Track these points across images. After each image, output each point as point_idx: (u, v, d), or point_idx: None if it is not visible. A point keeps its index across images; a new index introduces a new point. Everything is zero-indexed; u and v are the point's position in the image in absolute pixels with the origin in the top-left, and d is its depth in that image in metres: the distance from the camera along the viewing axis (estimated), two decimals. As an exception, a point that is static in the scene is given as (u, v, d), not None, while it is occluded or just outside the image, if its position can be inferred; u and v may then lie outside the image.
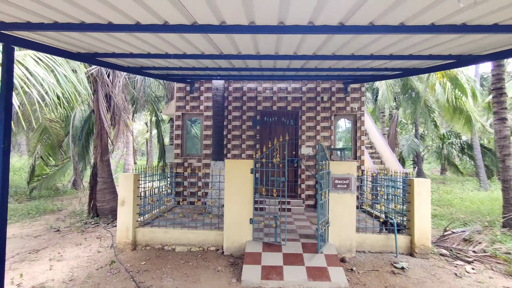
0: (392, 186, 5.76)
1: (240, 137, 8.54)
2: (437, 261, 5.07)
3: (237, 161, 5.34)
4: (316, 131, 8.44)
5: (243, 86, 8.58)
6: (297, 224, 6.46)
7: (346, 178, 5.17)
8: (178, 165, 8.52)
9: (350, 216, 5.16)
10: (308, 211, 7.88)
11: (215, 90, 7.62)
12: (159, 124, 10.40)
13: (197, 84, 8.66)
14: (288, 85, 8.52)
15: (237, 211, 5.26)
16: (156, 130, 10.68)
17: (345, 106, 8.43)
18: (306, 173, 8.36)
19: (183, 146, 8.72)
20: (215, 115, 7.58)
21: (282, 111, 8.52)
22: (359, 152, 8.39)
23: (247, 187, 5.25)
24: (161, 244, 5.49)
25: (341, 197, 5.18)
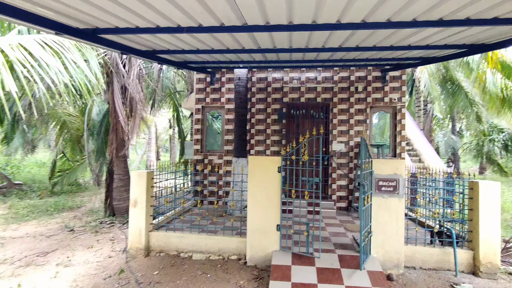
0: (445, 189, 4.83)
1: (265, 131, 7.82)
2: (508, 283, 4.12)
3: (262, 158, 4.63)
4: (350, 125, 7.55)
5: (267, 76, 7.84)
6: (330, 230, 5.66)
7: (393, 180, 4.31)
8: (198, 161, 7.95)
9: (397, 225, 4.31)
10: (340, 214, 7.04)
11: (237, 80, 6.93)
12: (179, 119, 9.90)
13: (218, 74, 8.02)
14: (318, 74, 7.68)
15: (262, 216, 4.56)
16: (177, 125, 10.19)
17: (383, 97, 7.47)
18: (337, 172, 7.52)
19: (203, 142, 8.13)
20: (237, 107, 6.90)
21: (311, 103, 7.70)
22: (399, 149, 7.42)
23: (273, 188, 4.53)
24: (177, 250, 4.90)
25: (386, 202, 4.33)
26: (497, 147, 20.95)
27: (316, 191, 4.41)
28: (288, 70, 7.76)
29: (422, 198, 5.02)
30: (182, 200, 4.96)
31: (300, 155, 4.45)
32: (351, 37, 4.24)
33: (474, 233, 4.34)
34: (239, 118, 6.90)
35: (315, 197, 6.41)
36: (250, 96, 7.86)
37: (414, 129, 11.30)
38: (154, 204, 5.13)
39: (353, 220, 6.46)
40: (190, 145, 8.12)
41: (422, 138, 11.17)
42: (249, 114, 7.84)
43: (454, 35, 4.07)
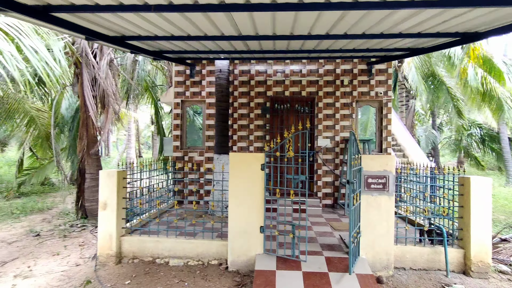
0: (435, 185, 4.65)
1: (248, 127, 7.47)
2: (499, 282, 3.98)
3: (244, 154, 4.28)
4: (335, 119, 7.32)
5: (250, 69, 7.48)
6: (316, 229, 5.40)
7: (383, 176, 4.08)
8: (178, 159, 7.52)
9: (387, 224, 4.08)
10: (326, 212, 6.81)
11: (218, 72, 6.53)
12: (158, 114, 9.38)
13: (198, 66, 7.58)
14: (303, 67, 7.38)
15: (244, 217, 4.22)
16: (156, 121, 9.67)
17: (369, 91, 7.27)
18: (323, 168, 7.28)
19: (183, 138, 7.70)
20: (218, 101, 6.52)
21: (295, 97, 7.41)
22: (385, 144, 7.25)
23: (256, 187, 4.20)
24: (152, 256, 4.50)
25: (376, 200, 4.09)
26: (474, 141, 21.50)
27: (302, 190, 4.11)
28: (271, 62, 7.43)
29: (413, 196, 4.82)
30: (158, 201, 4.54)
31: (285, 152, 4.13)
32: (340, 21, 3.91)
33: (465, 231, 4.18)
34: (220, 113, 6.52)
35: (301, 195, 6.14)
36: (232, 89, 7.49)
37: (398, 124, 11.24)
38: (126, 206, 4.69)
39: (339, 218, 6.24)
40: (169, 142, 7.67)
41: (406, 133, 11.13)
42: (232, 109, 7.47)
43: (448, 21, 3.81)
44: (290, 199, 3.96)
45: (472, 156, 21.17)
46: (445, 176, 4.40)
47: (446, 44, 4.73)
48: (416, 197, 4.62)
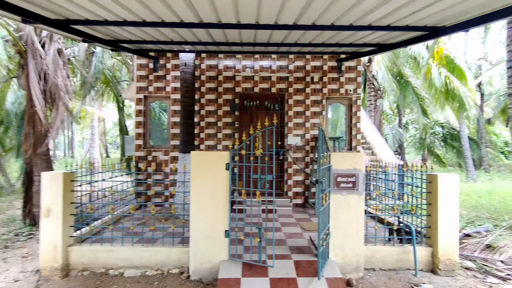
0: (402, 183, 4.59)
1: (216, 124, 7.13)
2: (465, 279, 3.96)
3: (207, 153, 3.96)
4: (306, 117, 7.16)
5: (218, 63, 7.13)
6: (286, 231, 5.19)
7: (352, 175, 3.92)
8: (141, 158, 7.01)
9: (357, 224, 3.93)
10: (296, 211, 6.64)
11: (183, 65, 6.13)
12: (120, 111, 8.76)
13: (162, 60, 7.12)
14: (273, 62, 7.15)
15: (207, 221, 3.90)
16: (118, 118, 9.04)
17: (339, 88, 7.19)
18: (293, 167, 7.11)
19: (146, 136, 7.20)
20: (183, 97, 6.12)
21: (265, 93, 7.16)
22: (354, 142, 7.21)
23: (221, 188, 3.89)
24: (105, 267, 4.05)
25: (346, 200, 3.93)
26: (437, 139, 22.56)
27: (270, 190, 3.86)
28: (240, 57, 7.13)
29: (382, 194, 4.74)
30: (111, 206, 4.08)
31: (252, 150, 3.86)
32: (307, 9, 3.65)
33: (432, 229, 4.13)
34: (185, 109, 6.12)
35: (269, 195, 5.91)
36: (199, 85, 7.11)
37: (367, 122, 11.39)
38: (75, 212, 4.19)
39: (309, 218, 6.08)
40: (130, 140, 7.14)
41: (375, 131, 11.30)
42: (199, 105, 7.09)
43: (418, 12, 3.69)
44: (257, 201, 3.69)
45: (435, 153, 22.21)
46: (413, 174, 4.34)
47: (415, 38, 4.67)
48: (385, 195, 4.54)
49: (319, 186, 3.42)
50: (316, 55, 7.13)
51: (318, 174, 3.41)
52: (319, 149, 3.46)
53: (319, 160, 3.41)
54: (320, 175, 3.42)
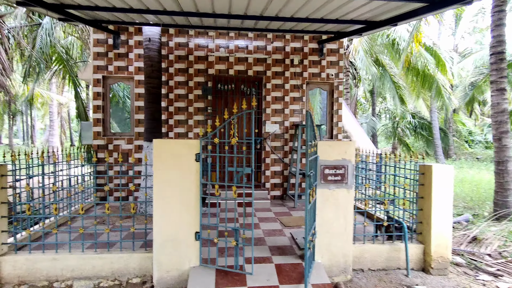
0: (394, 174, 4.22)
1: (186, 109, 6.42)
2: (457, 277, 3.69)
3: (172, 141, 3.32)
4: (285, 103, 6.64)
5: (189, 42, 6.38)
6: (265, 227, 4.70)
7: (341, 166, 3.46)
8: (100, 148, 6.19)
9: (345, 222, 3.50)
10: (275, 204, 6.18)
11: (147, 41, 5.33)
12: (77, 94, 7.75)
13: (124, 35, 6.24)
14: (249, 42, 6.51)
15: (174, 221, 3.30)
16: (76, 102, 8.02)
17: (320, 72, 6.71)
18: (271, 157, 6.60)
19: (106, 122, 6.36)
20: (147, 77, 5.35)
21: (241, 76, 6.53)
22: (335, 130, 6.81)
23: (189, 182, 3.29)
24: (48, 279, 3.35)
25: (333, 195, 3.48)
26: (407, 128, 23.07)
27: (247, 185, 3.31)
28: (213, 35, 6.41)
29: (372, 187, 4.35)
30: (55, 205, 3.34)
31: (227, 138, 3.27)
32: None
33: (424, 224, 3.80)
34: (150, 92, 5.37)
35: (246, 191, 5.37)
36: (167, 65, 6.33)
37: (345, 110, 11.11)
38: (10, 214, 3.42)
39: (289, 212, 5.64)
40: (88, 127, 6.27)
41: (352, 118, 11.06)
42: (167, 88, 6.33)
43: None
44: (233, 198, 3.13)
45: (404, 142, 22.74)
46: (405, 164, 3.96)
47: (406, 14, 4.22)
48: (375, 188, 4.15)
49: (307, 180, 2.91)
50: (297, 36, 6.58)
51: (306, 167, 2.90)
52: (307, 136, 2.94)
53: (307, 149, 2.89)
54: (308, 167, 2.91)
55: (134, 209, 3.48)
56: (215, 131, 3.29)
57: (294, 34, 6.54)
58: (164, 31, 6.23)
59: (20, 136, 34.72)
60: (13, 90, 13.02)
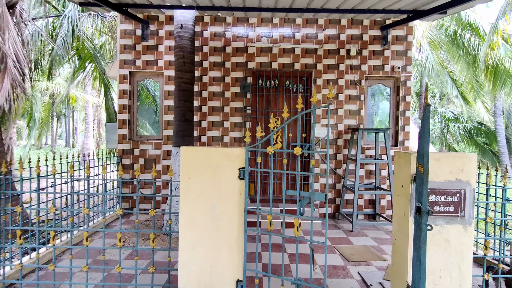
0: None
1: (222, 110, 5.52)
2: None
3: (207, 150, 2.37)
4: (339, 102, 5.51)
5: (226, 31, 5.48)
6: (322, 261, 3.60)
7: (455, 191, 2.29)
8: (125, 152, 5.47)
9: (460, 276, 2.32)
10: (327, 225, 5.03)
11: (179, 28, 4.51)
12: (107, 93, 7.19)
13: (153, 25, 5.49)
14: (297, 30, 5.48)
15: (207, 263, 2.33)
16: (105, 100, 7.48)
17: (383, 65, 5.51)
18: (321, 167, 5.49)
19: (132, 124, 5.63)
20: (178, 71, 4.52)
21: (286, 70, 5.52)
22: (401, 136, 5.55)
23: (231, 209, 2.31)
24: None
25: (442, 233, 2.32)
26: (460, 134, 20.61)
27: (317, 219, 2.27)
28: (254, 22, 5.46)
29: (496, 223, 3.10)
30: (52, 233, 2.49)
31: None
32: None
33: None
34: (181, 88, 4.53)
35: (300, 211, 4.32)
36: (201, 59, 5.49)
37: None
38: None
39: (347, 237, 4.49)
40: (112, 129, 5.58)
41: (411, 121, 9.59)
42: (200, 85, 5.48)
43: None
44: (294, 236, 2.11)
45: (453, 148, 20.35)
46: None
47: None
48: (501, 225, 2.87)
49: (422, 218, 1.79)
50: (354, 21, 5.45)
51: (424, 195, 1.79)
52: (422, 143, 1.83)
53: (426, 165, 1.78)
54: (424, 196, 1.79)
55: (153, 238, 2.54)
56: (268, 136, 2.29)
57: (352, 19, 5.41)
58: (198, 19, 5.40)
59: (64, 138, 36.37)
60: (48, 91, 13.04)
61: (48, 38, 5.94)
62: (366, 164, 5.48)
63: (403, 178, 2.36)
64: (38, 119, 14.06)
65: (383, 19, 5.40)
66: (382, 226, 5.04)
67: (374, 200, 5.42)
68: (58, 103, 12.66)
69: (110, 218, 5.09)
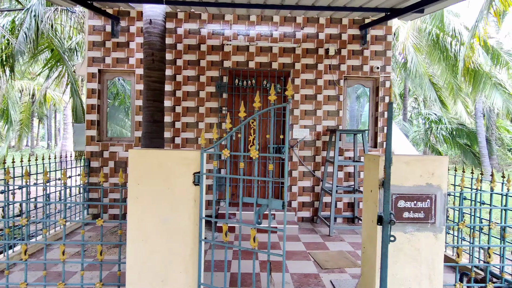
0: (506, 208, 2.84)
1: (197, 110, 5.30)
2: None
3: (159, 152, 2.15)
4: (317, 102, 5.37)
5: (201, 28, 5.27)
6: (294, 269, 3.42)
7: (425, 197, 2.15)
8: (94, 155, 5.18)
9: (430, 284, 2.18)
10: (304, 230, 4.89)
11: (147, 24, 4.26)
12: (73, 92, 6.82)
13: (124, 21, 5.23)
14: (274, 28, 5.31)
15: (158, 278, 2.11)
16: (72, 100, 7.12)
17: (362, 65, 5.40)
18: (300, 169, 5.33)
19: (102, 125, 5.34)
20: (147, 69, 4.26)
21: (263, 70, 5.34)
22: (381, 137, 5.45)
23: (185, 218, 2.10)
24: None
25: (412, 241, 2.17)
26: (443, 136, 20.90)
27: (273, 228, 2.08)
28: (231, 20, 5.27)
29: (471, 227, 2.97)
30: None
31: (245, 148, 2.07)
32: None
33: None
34: (150, 87, 4.27)
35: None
36: (174, 56, 5.25)
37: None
38: None
39: (324, 243, 4.33)
40: (80, 130, 5.27)
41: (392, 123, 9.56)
42: (174, 84, 5.25)
43: None
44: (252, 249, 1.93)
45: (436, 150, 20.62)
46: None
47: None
48: (475, 230, 2.73)
49: (385, 228, 1.63)
50: (333, 20, 5.32)
51: (385, 205, 1.63)
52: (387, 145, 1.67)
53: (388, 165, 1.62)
54: (386, 202, 1.63)
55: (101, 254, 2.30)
56: (224, 138, 2.10)
57: (330, 17, 5.28)
58: (172, 15, 5.18)
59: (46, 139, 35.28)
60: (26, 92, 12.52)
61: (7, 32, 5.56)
62: (345, 166, 5.35)
63: (372, 183, 2.21)
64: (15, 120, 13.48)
65: (362, 18, 5.30)
66: (361, 230, 4.91)
67: (353, 203, 5.29)
68: (36, 103, 12.13)
69: (76, 225, 4.79)
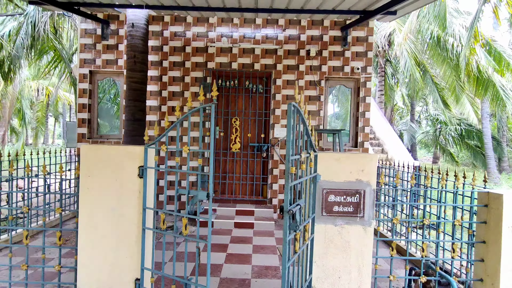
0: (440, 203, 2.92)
1: (181, 110, 5.51)
2: None
3: (105, 147, 2.36)
4: (298, 103, 5.47)
5: (186, 31, 5.48)
6: (257, 262, 3.58)
7: (355, 192, 2.28)
8: (85, 151, 5.45)
9: (360, 276, 2.30)
10: (281, 227, 5.02)
11: (130, 27, 4.51)
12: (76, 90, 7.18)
13: (113, 25, 5.50)
14: (257, 30, 5.47)
15: (106, 262, 2.32)
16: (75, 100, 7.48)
17: (343, 66, 5.49)
18: (280, 167, 5.47)
19: (92, 123, 5.63)
20: (130, 70, 4.53)
21: (246, 71, 5.50)
22: (361, 137, 5.52)
23: (130, 207, 2.30)
24: None
25: (342, 233, 2.30)
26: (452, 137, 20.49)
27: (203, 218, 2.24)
28: (215, 22, 5.46)
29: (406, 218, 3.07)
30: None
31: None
32: None
33: (488, 283, 2.46)
34: (132, 87, 4.54)
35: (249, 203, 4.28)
36: (161, 58, 5.49)
37: (377, 113, 9.65)
38: None
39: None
40: (72, 128, 5.59)
41: (386, 124, 9.57)
42: (160, 85, 5.49)
43: None
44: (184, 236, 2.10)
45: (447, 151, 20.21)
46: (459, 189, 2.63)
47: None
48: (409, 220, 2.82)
49: (286, 217, 1.79)
50: (315, 22, 5.43)
51: (285, 195, 1.79)
52: (288, 145, 1.83)
53: (287, 165, 1.78)
54: (288, 197, 1.79)
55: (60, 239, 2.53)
56: (163, 134, 2.28)
57: (311, 19, 5.40)
58: (158, 18, 5.41)
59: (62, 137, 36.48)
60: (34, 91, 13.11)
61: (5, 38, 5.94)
62: (325, 165, 5.45)
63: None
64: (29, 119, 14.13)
65: (344, 19, 5.39)
66: (337, 227, 5.00)
67: (332, 202, 5.39)
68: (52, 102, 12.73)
69: (65, 216, 5.08)
